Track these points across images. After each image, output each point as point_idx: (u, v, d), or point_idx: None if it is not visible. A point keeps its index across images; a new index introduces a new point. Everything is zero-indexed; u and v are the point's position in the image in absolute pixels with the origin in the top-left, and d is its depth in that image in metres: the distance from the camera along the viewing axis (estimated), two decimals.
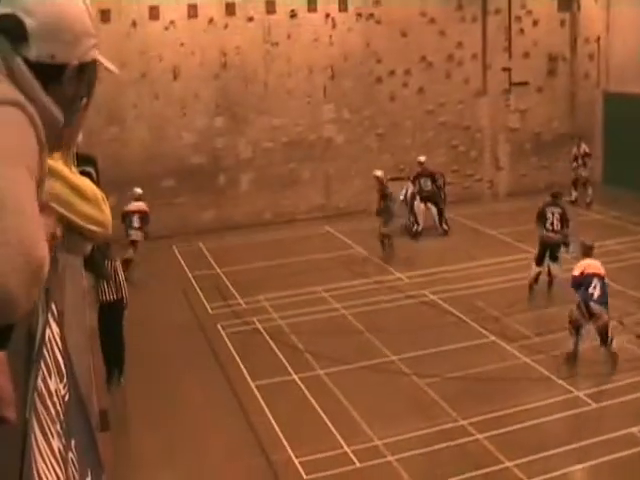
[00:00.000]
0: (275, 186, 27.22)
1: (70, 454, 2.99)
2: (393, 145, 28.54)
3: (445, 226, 25.16)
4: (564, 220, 19.71)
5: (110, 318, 15.65)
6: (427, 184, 25.19)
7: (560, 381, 14.89)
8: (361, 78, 28.07)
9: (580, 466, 12.52)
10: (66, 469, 2.79)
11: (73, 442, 3.13)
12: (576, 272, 15.64)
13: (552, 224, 19.67)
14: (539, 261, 19.81)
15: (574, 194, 27.62)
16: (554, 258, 19.63)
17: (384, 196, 23.47)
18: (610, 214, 26.45)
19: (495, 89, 29.80)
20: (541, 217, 19.84)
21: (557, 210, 19.84)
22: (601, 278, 15.53)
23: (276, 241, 24.96)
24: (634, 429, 13.07)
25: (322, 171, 27.90)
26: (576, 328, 15.57)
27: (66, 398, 3.23)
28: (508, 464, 12.11)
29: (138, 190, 22.26)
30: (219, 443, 13.45)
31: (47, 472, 2.43)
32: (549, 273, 19.80)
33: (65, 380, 3.29)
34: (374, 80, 28.31)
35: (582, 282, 15.43)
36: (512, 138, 30.27)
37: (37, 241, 1.99)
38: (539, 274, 19.77)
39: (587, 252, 16.16)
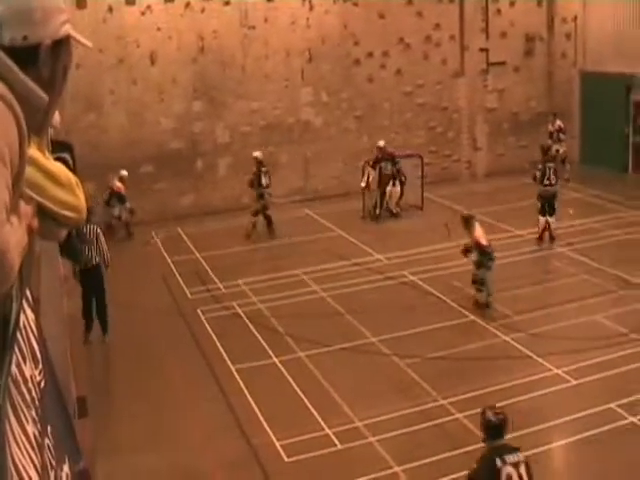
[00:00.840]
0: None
1: (46, 440, 3.00)
2: (371, 127, 28.53)
3: (398, 208, 25.20)
4: (556, 172, 21.99)
5: (92, 281, 16.38)
6: (387, 167, 25.20)
7: (539, 359, 14.99)
8: (339, 60, 28.04)
9: (562, 442, 12.66)
10: (42, 455, 2.80)
11: (49, 428, 3.14)
12: (484, 241, 17.51)
13: (549, 178, 21.62)
14: (543, 213, 21.87)
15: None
16: (552, 211, 21.67)
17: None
18: (588, 192, 26.59)
19: (473, 70, 29.84)
20: (543, 175, 21.69)
21: (551, 165, 22.05)
22: None
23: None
24: (613, 404, 13.20)
25: (300, 154, 27.89)
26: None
27: (42, 384, 3.23)
28: None
29: (124, 172, 23.80)
30: (200, 428, 13.46)
31: (22, 457, 2.44)
32: (548, 227, 21.87)
33: (40, 366, 3.29)
34: (352, 62, 28.28)
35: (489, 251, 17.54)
36: (490, 118, 30.34)
37: None
38: (547, 223, 21.81)
39: (470, 222, 17.88)
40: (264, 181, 23.61)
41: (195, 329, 17.43)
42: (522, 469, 8.51)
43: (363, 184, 25.15)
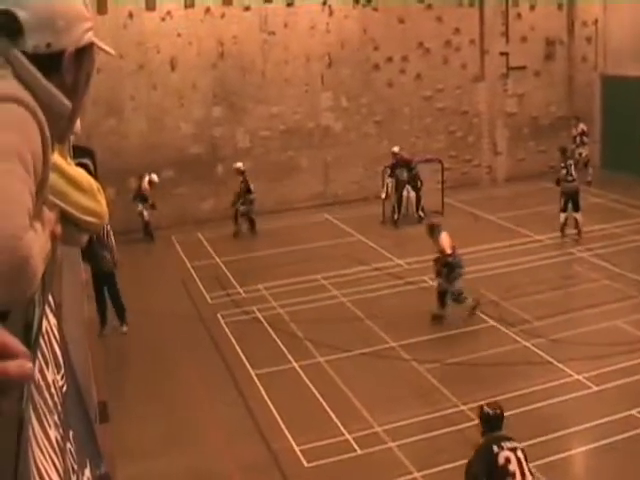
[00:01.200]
0: (273, 174, 27.22)
1: (68, 444, 3.02)
2: (391, 132, 28.53)
3: (421, 213, 25.12)
4: (576, 167, 22.48)
5: (105, 282, 16.80)
6: (403, 174, 25.14)
7: (560, 365, 14.93)
8: (358, 65, 28.06)
9: (582, 449, 12.61)
10: (64, 459, 2.82)
11: (71, 433, 3.15)
12: (449, 250, 17.24)
13: (570, 174, 22.07)
14: (564, 209, 22.34)
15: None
16: (577, 207, 22.31)
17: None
18: (609, 197, 26.47)
19: (493, 74, 29.79)
20: (565, 173, 22.18)
21: (571, 161, 22.55)
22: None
23: (275, 230, 24.98)
24: (634, 411, 13.14)
25: (320, 159, 27.91)
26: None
27: (64, 389, 3.25)
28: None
29: (154, 177, 24.24)
30: (219, 432, 13.50)
31: (45, 462, 2.46)
32: (576, 224, 22.23)
33: (62, 371, 3.31)
34: (371, 67, 28.29)
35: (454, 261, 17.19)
36: (510, 123, 30.27)
37: (21, 234, 2.00)
38: (566, 219, 22.25)
39: (434, 230, 17.71)
40: (252, 188, 24.54)
41: (215, 333, 17.46)
42: (519, 453, 8.87)
43: (383, 195, 25.20)
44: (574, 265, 20.52)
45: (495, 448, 8.84)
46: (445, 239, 17.38)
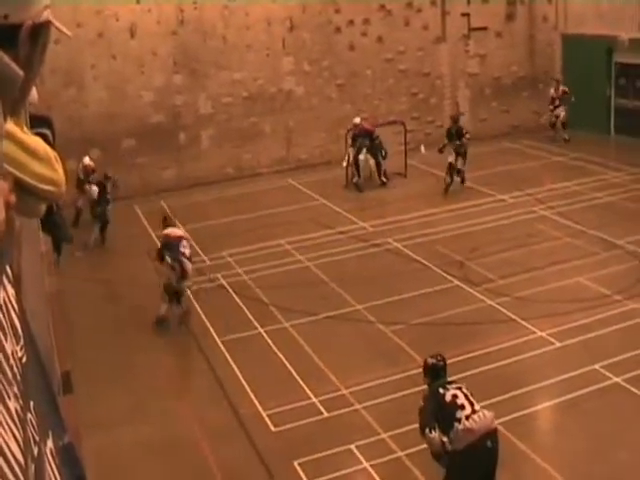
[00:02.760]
0: (236, 141, 27.13)
1: (29, 415, 3.02)
2: (353, 95, 28.48)
3: (384, 178, 25.18)
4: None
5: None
6: (365, 143, 25.07)
7: (524, 322, 15.09)
8: (320, 29, 27.92)
9: (547, 404, 12.79)
10: (24, 430, 2.82)
11: (32, 404, 3.16)
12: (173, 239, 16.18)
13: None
14: None
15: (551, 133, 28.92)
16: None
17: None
18: (570, 156, 26.67)
19: (454, 35, 29.78)
20: None
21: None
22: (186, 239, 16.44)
23: (238, 196, 24.95)
24: (597, 366, 13.33)
25: (283, 124, 27.82)
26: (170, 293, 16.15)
27: (23, 360, 3.25)
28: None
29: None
30: (186, 400, 13.53)
31: (3, 433, 2.47)
32: None
33: (22, 342, 3.31)
34: (333, 30, 28.15)
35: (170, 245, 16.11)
36: (472, 83, 30.32)
37: None
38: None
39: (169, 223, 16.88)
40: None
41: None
42: (464, 390, 9.43)
43: (344, 164, 25.13)
44: (537, 223, 20.67)
45: (441, 390, 9.34)
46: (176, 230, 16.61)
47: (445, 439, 9.16)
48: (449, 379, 9.71)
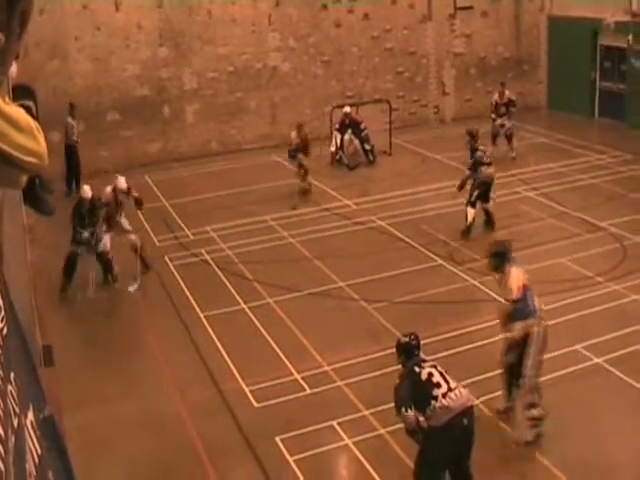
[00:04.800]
0: (221, 116, 27.03)
1: (9, 386, 2.99)
2: (339, 72, 28.41)
3: (371, 157, 25.16)
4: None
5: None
6: (354, 131, 24.97)
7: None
8: (306, 5, 27.78)
9: None
10: (4, 401, 2.80)
11: (12, 375, 3.13)
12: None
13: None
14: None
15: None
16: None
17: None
18: (555, 137, 26.71)
19: (440, 14, 29.69)
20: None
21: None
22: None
23: (223, 171, 24.89)
24: (578, 346, 13.38)
25: (268, 100, 27.72)
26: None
27: (4, 332, 3.22)
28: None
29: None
30: (169, 375, 13.48)
31: None
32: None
33: (2, 314, 3.28)
34: (319, 7, 28.02)
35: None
36: (457, 63, 30.28)
37: None
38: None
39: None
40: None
41: (163, 277, 17.39)
42: (439, 368, 9.42)
43: (332, 148, 25.06)
44: (520, 204, 20.69)
45: (417, 368, 9.32)
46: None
47: (421, 417, 9.17)
48: (423, 357, 9.69)
